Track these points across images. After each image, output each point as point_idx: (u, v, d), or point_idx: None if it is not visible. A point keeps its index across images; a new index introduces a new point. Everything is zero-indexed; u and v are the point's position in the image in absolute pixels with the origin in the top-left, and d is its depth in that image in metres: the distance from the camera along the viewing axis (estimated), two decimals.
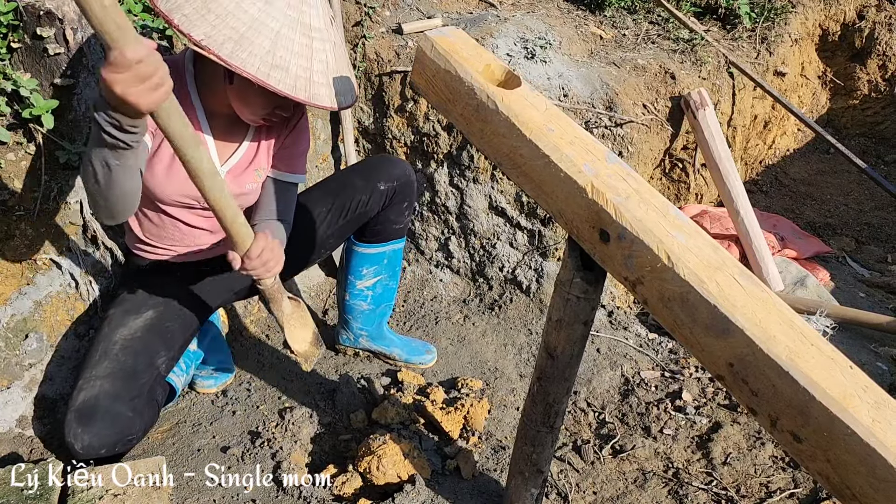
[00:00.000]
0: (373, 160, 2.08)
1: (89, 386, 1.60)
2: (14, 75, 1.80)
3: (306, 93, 1.48)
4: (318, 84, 1.51)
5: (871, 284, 2.94)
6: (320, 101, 1.51)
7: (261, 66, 1.42)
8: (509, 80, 1.23)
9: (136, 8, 2.12)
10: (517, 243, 2.63)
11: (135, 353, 1.68)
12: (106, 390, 1.59)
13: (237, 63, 1.40)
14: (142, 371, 1.67)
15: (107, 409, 1.57)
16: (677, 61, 2.84)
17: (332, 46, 1.56)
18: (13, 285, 1.86)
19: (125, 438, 1.60)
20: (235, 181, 1.73)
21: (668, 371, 2.28)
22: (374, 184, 1.99)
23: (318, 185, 2.09)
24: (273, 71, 1.44)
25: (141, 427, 1.65)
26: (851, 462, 0.77)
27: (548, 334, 1.33)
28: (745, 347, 0.86)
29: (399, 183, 2.02)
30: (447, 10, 2.89)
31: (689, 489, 1.83)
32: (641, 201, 1.02)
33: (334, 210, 2.01)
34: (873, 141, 3.90)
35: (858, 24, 3.58)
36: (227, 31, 1.40)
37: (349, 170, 2.08)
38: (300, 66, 1.48)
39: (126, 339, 1.69)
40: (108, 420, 1.57)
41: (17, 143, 1.86)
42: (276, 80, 1.44)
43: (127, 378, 1.63)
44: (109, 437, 1.57)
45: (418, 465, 1.79)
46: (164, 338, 1.75)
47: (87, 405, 1.57)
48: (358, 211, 2.01)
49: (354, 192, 2.00)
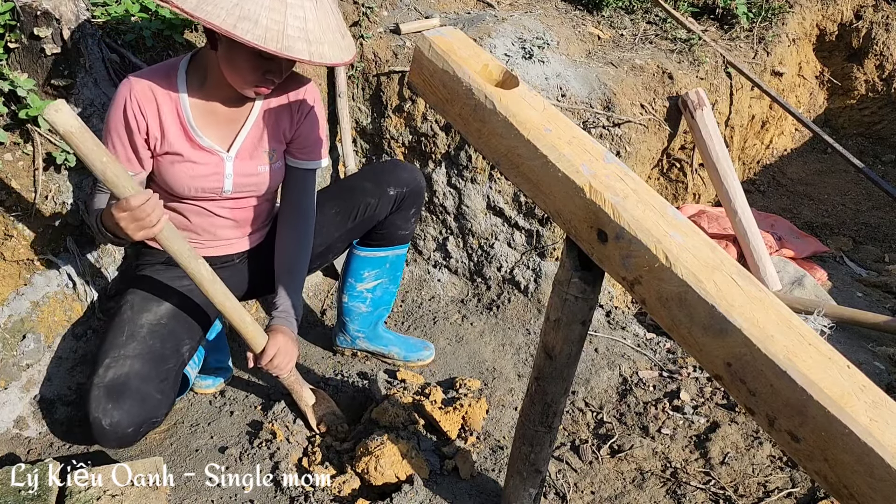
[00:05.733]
0: (384, 164, 2.07)
1: (118, 364, 1.61)
2: (11, 75, 1.79)
3: (278, 44, 1.45)
4: (293, 38, 1.48)
5: (869, 284, 2.95)
6: (295, 54, 1.48)
7: (227, 18, 1.43)
8: (507, 80, 1.23)
9: (134, 8, 2.12)
10: (515, 243, 2.63)
11: (162, 338, 1.71)
12: (137, 370, 1.62)
13: (201, 15, 1.42)
14: (168, 356, 1.70)
15: (137, 388, 1.60)
16: (675, 61, 2.85)
17: (314, 4, 1.52)
18: (10, 286, 1.86)
19: (150, 419, 1.62)
20: (244, 164, 1.75)
21: (666, 371, 2.29)
22: (384, 188, 1.99)
23: (326, 189, 2.09)
24: (240, 22, 1.43)
25: (164, 411, 1.67)
26: (849, 461, 0.77)
27: (546, 334, 1.33)
28: (742, 347, 0.86)
29: (409, 189, 2.01)
30: (445, 10, 2.89)
31: (687, 489, 1.83)
32: (639, 201, 1.02)
33: (342, 213, 2.01)
34: (871, 141, 3.90)
35: (856, 24, 3.59)
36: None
37: (359, 173, 2.08)
38: (271, 20, 1.45)
39: (153, 325, 1.72)
40: (138, 399, 1.59)
41: (14, 144, 1.86)
42: (242, 30, 1.42)
43: (156, 361, 1.67)
44: (138, 416, 1.58)
45: (416, 466, 1.79)
46: (187, 327, 1.79)
47: (117, 382, 1.59)
48: (366, 214, 2.01)
49: (363, 195, 2.00)
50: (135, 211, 1.46)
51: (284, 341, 1.75)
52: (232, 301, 1.67)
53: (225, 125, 1.73)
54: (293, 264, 1.85)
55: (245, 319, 1.69)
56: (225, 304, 1.65)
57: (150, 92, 1.63)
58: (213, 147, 1.71)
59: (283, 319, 1.79)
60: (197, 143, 1.70)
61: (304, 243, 1.86)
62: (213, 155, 1.72)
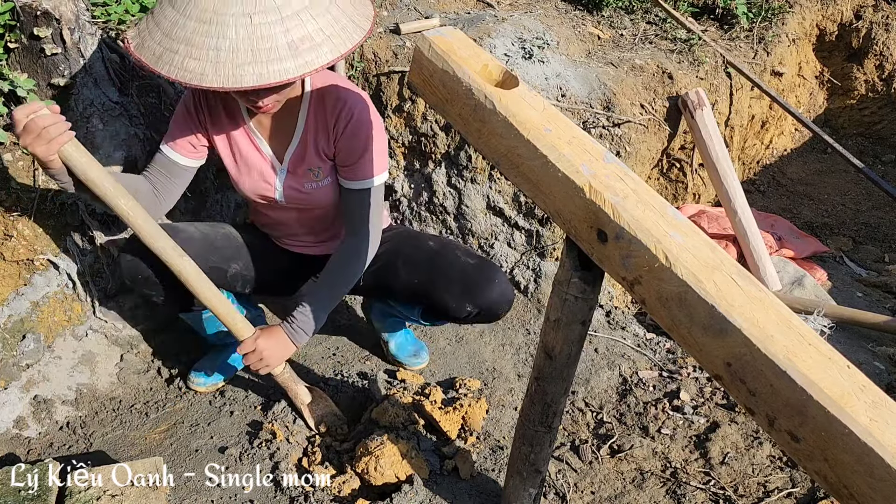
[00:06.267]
0: (475, 271, 1.90)
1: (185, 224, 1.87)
2: (11, 75, 1.79)
3: (169, 70, 1.44)
4: (223, 63, 1.42)
5: (869, 284, 2.95)
6: (197, 81, 1.43)
7: (152, 55, 1.47)
8: (507, 80, 1.23)
9: (134, 8, 2.12)
10: (515, 243, 2.63)
11: (217, 238, 1.91)
12: (194, 237, 1.83)
13: (136, 53, 1.49)
14: (220, 249, 1.89)
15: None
16: (675, 61, 2.85)
17: (247, 21, 1.43)
18: (10, 286, 1.86)
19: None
20: (296, 181, 1.81)
21: (665, 371, 2.29)
22: (464, 304, 1.89)
23: (419, 243, 2.00)
24: (165, 54, 1.46)
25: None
26: (849, 461, 0.77)
27: (546, 334, 1.33)
28: (742, 347, 0.86)
29: (490, 309, 1.91)
30: (445, 10, 2.89)
31: (687, 489, 1.83)
32: (639, 201, 1.02)
33: (412, 284, 1.94)
34: (870, 141, 3.90)
35: (855, 24, 3.59)
36: (153, 39, 1.49)
37: (454, 262, 1.92)
38: (196, 46, 1.43)
39: (214, 227, 1.95)
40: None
41: (14, 144, 1.86)
42: (162, 64, 1.45)
43: (209, 247, 1.86)
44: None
45: (416, 466, 1.79)
46: (240, 256, 1.94)
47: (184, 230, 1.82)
48: (434, 304, 1.94)
49: (443, 295, 1.90)
50: (28, 123, 1.41)
51: (266, 342, 1.76)
52: (214, 294, 1.71)
53: (273, 140, 1.79)
54: (330, 281, 1.83)
55: (230, 314, 1.74)
56: (204, 293, 1.69)
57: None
58: (268, 153, 1.80)
59: (288, 325, 1.80)
60: (256, 144, 1.79)
61: (348, 263, 1.83)
62: (266, 162, 1.81)
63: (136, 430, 1.94)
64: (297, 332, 1.80)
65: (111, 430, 1.94)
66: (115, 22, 2.10)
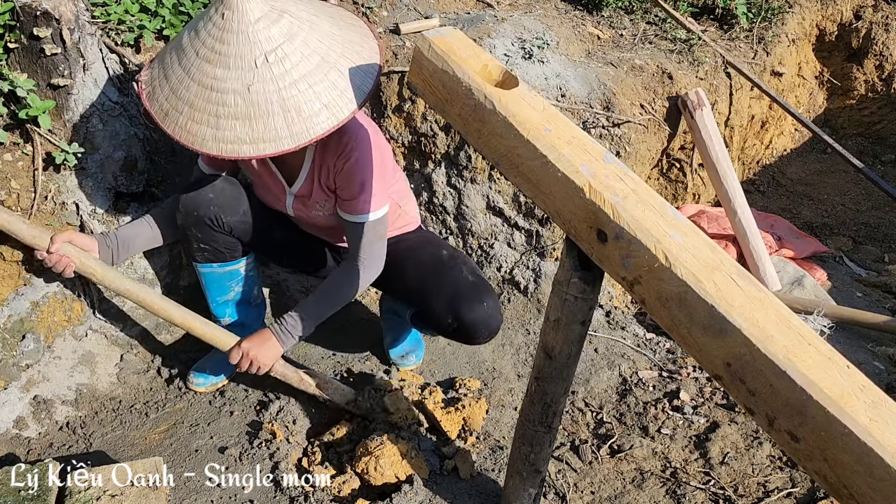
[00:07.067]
0: (469, 287, 1.91)
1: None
2: (11, 75, 1.79)
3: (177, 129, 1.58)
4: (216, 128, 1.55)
5: (868, 284, 2.95)
6: (189, 143, 1.57)
7: (160, 109, 1.60)
8: (507, 80, 1.23)
9: (134, 8, 2.12)
10: (515, 243, 2.63)
11: (253, 204, 1.96)
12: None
13: (147, 103, 1.62)
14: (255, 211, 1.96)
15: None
16: (674, 61, 2.85)
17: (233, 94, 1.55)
18: (10, 286, 1.86)
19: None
20: (304, 207, 1.91)
21: (665, 371, 2.29)
22: (446, 314, 1.90)
23: (428, 245, 2.06)
24: (171, 112, 1.59)
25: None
26: (849, 461, 0.77)
27: (545, 334, 1.33)
28: (742, 347, 0.86)
29: (470, 327, 1.91)
30: (445, 10, 2.89)
31: (687, 489, 1.83)
32: (639, 201, 1.02)
33: (409, 283, 1.99)
34: (870, 141, 3.90)
35: (855, 24, 3.59)
36: (161, 93, 1.60)
37: (454, 270, 1.96)
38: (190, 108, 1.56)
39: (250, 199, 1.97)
40: None
41: (14, 144, 1.86)
42: (168, 122, 1.58)
43: (250, 209, 1.94)
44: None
45: (416, 466, 1.79)
46: (234, 204, 1.93)
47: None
48: (425, 311, 1.98)
49: (430, 300, 1.93)
50: (47, 259, 1.72)
51: (250, 343, 1.83)
52: (182, 312, 1.84)
53: (286, 173, 1.87)
54: (321, 299, 1.87)
55: (206, 329, 1.86)
56: (173, 314, 1.84)
57: None
58: (279, 178, 1.88)
59: (277, 326, 1.85)
60: (269, 167, 1.88)
61: (340, 288, 1.87)
62: (278, 184, 1.90)
63: (136, 430, 1.94)
64: (285, 334, 1.84)
65: (111, 430, 1.94)
66: (115, 22, 2.10)
